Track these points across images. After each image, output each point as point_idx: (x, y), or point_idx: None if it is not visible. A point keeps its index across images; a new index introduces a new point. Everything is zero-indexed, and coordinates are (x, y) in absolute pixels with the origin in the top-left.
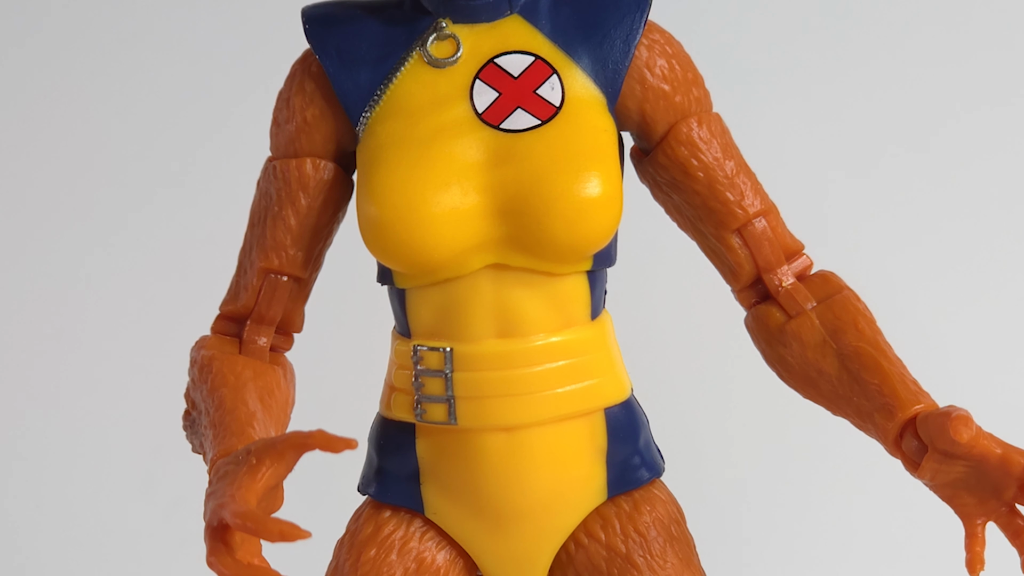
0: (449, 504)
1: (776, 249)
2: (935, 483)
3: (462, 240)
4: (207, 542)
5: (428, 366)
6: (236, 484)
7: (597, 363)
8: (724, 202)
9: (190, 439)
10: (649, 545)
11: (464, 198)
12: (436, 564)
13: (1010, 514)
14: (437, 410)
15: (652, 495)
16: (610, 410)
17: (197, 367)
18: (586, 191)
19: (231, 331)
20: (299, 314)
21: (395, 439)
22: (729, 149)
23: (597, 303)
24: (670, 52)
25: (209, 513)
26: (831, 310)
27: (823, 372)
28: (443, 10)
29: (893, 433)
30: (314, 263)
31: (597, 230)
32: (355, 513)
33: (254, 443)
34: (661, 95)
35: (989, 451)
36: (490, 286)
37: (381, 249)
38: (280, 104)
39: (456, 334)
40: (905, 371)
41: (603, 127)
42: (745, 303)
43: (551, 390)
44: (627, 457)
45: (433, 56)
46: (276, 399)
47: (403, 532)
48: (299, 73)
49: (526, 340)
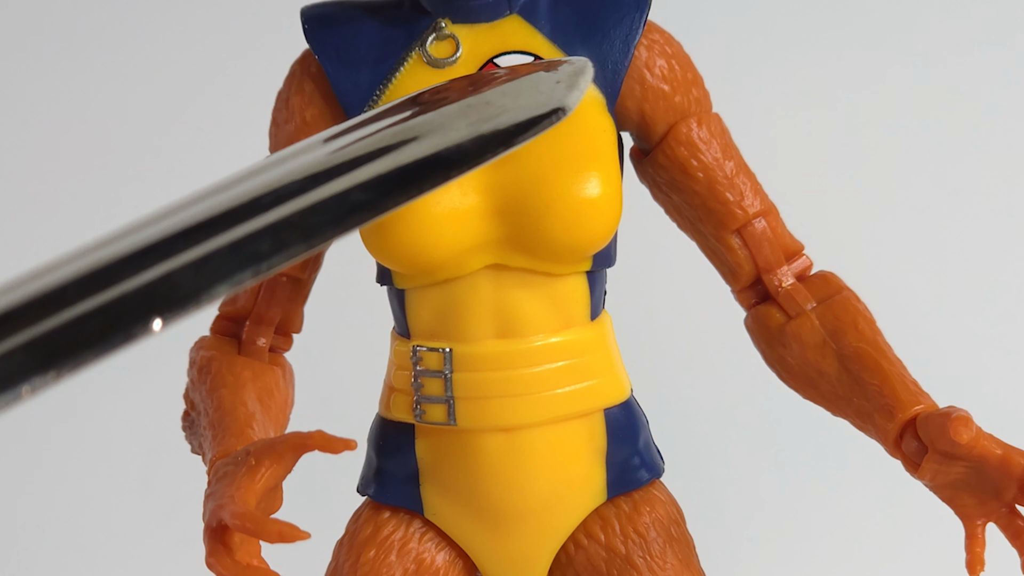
0: (449, 505)
1: (776, 249)
2: (935, 484)
3: (461, 240)
4: (206, 543)
5: (427, 367)
6: (235, 485)
7: (597, 364)
8: (724, 202)
9: (189, 440)
10: (649, 546)
11: (463, 198)
12: (435, 565)
13: (1010, 515)
14: (436, 411)
15: (652, 496)
16: (610, 411)
17: (196, 368)
18: (585, 191)
19: (230, 331)
20: (298, 315)
21: (394, 440)
22: (729, 149)
23: (597, 303)
24: (670, 52)
25: (208, 514)
26: (831, 311)
27: (823, 373)
28: (442, 10)
29: (893, 434)
30: (313, 263)
31: (596, 230)
32: (354, 514)
33: (253, 444)
34: (661, 95)
35: (989, 452)
36: (489, 286)
37: (380, 249)
38: (279, 104)
39: (455, 335)
40: (905, 372)
41: (603, 127)
42: (745, 303)
43: (551, 391)
44: (627, 458)
45: (432, 56)
46: (275, 400)
47: (402, 533)
48: (298, 73)
49: (525, 340)
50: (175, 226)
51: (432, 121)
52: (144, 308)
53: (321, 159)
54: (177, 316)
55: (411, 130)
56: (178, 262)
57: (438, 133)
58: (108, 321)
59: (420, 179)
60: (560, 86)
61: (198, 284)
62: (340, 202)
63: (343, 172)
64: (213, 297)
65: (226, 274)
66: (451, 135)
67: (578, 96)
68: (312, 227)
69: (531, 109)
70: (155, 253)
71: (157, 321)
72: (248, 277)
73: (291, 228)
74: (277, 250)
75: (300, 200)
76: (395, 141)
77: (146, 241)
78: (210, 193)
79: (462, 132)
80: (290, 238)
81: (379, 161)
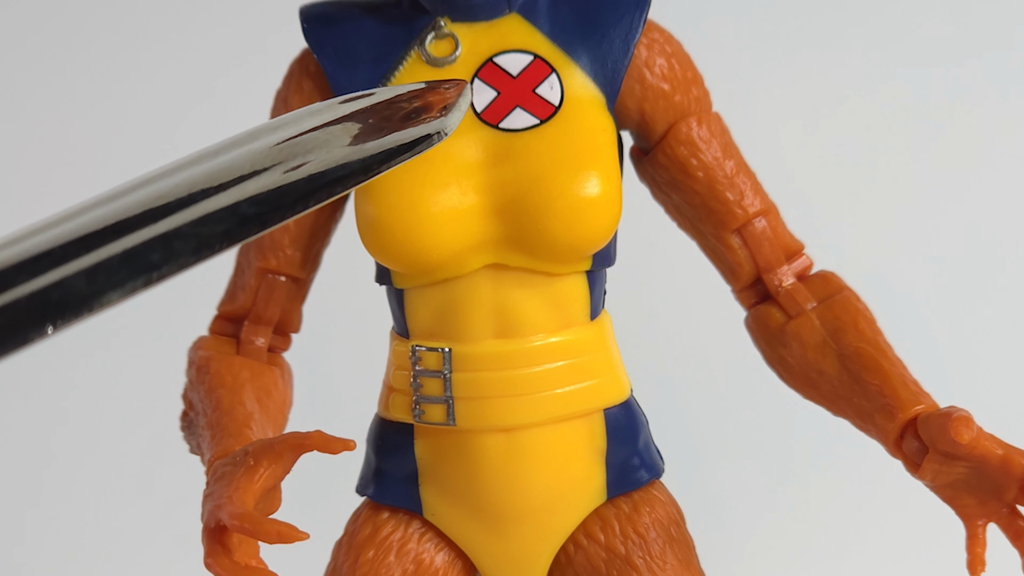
0: (448, 505)
1: (776, 249)
2: (936, 484)
3: (460, 240)
4: (205, 543)
5: (427, 367)
6: (234, 485)
7: (596, 363)
8: (724, 202)
9: (188, 440)
10: (648, 546)
11: (463, 198)
12: (435, 565)
13: (1011, 515)
14: (436, 411)
15: (651, 496)
16: (609, 411)
17: (195, 368)
18: (585, 191)
19: (229, 332)
20: (297, 314)
21: (393, 440)
22: (729, 149)
23: (596, 303)
24: (669, 51)
25: (207, 514)
26: (831, 310)
27: (823, 372)
28: (441, 9)
29: (894, 434)
30: (312, 263)
31: (596, 230)
32: (353, 514)
33: (252, 444)
34: (660, 94)
35: (990, 452)
36: (489, 286)
37: (379, 249)
38: (278, 103)
39: (455, 334)
40: (906, 372)
41: (602, 126)
42: (745, 303)
43: (550, 391)
44: (626, 458)
45: (431, 55)
46: (274, 400)
47: (401, 533)
48: (297, 72)
49: (525, 340)
50: (70, 233)
51: (318, 138)
52: (38, 314)
53: (212, 171)
54: (70, 322)
55: (299, 146)
56: (71, 269)
57: (324, 150)
58: (2, 325)
59: (307, 195)
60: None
61: (91, 291)
62: (230, 214)
63: (232, 185)
64: (105, 305)
65: (118, 282)
66: (336, 153)
67: (458, 118)
68: (202, 238)
69: (414, 133)
70: (49, 259)
71: (50, 327)
72: (140, 286)
73: (182, 239)
74: (167, 260)
75: (191, 211)
76: (283, 157)
77: (40, 247)
78: (104, 200)
79: (346, 151)
80: (181, 249)
81: (268, 175)
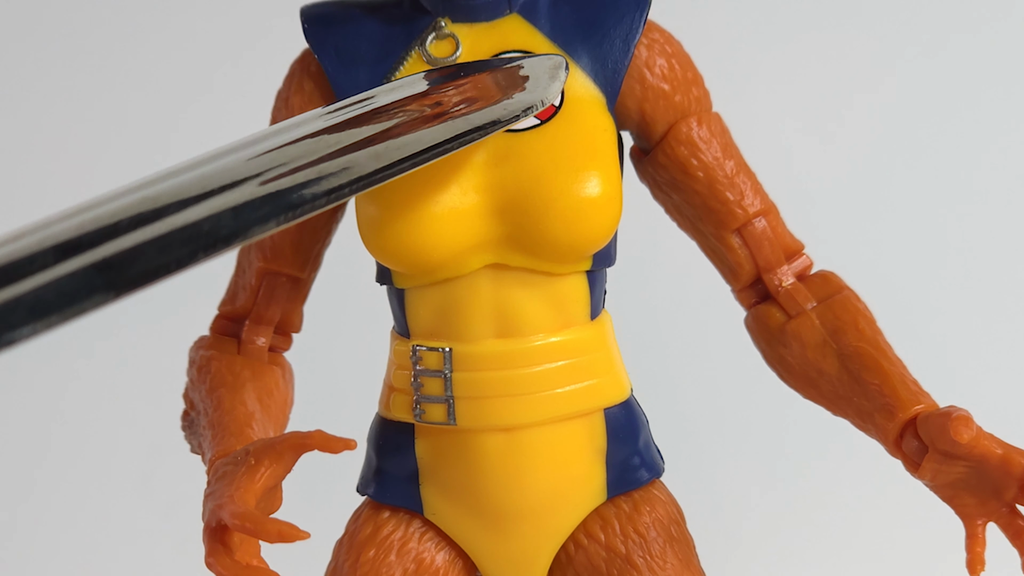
0: (448, 504)
1: (776, 249)
2: (935, 483)
3: (461, 240)
4: (206, 543)
5: (427, 366)
6: (235, 485)
7: (597, 363)
8: (724, 202)
9: (189, 439)
10: (649, 546)
11: (463, 197)
12: (435, 565)
13: (1011, 515)
14: (436, 410)
15: (652, 496)
16: (610, 410)
17: (196, 367)
18: (585, 191)
19: (230, 331)
20: (298, 314)
21: (394, 439)
22: (729, 149)
23: (597, 303)
24: (670, 51)
25: (208, 514)
26: (831, 310)
27: (823, 372)
28: (442, 9)
29: (893, 433)
30: (312, 263)
31: (596, 230)
32: (354, 514)
33: (253, 443)
34: (661, 94)
35: (990, 452)
36: (489, 286)
37: (380, 249)
38: (279, 104)
39: (455, 334)
40: (905, 371)
41: (603, 126)
42: (745, 303)
43: (551, 390)
44: (627, 457)
45: (432, 55)
46: (275, 399)
47: (402, 533)
48: (298, 73)
49: (525, 340)
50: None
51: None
52: (191, 243)
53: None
54: (219, 251)
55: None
56: (220, 204)
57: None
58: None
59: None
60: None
61: (237, 226)
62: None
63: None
64: (249, 237)
65: (262, 219)
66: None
67: (558, 88)
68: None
69: (510, 106)
70: (199, 198)
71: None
72: (284, 221)
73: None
74: (305, 201)
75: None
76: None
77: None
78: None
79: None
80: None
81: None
